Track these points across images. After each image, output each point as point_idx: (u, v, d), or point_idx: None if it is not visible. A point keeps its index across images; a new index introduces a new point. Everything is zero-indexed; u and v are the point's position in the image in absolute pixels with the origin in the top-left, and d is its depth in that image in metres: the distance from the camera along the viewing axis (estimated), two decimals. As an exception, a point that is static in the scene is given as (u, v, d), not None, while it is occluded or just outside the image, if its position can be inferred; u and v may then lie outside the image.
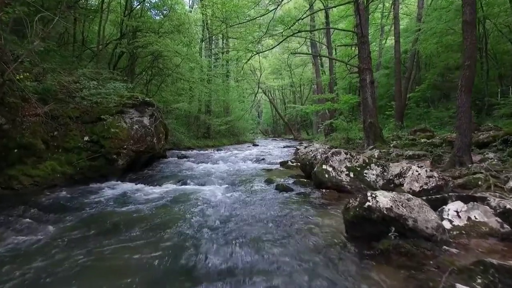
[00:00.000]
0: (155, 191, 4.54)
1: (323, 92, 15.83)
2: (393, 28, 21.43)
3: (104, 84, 5.55)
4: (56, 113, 5.38)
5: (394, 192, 2.31)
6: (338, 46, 16.20)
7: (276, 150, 12.55)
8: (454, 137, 6.30)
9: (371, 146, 8.24)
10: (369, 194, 2.31)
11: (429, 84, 12.74)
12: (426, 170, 3.53)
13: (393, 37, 21.88)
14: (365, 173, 4.24)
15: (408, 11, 18.65)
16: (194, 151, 12.20)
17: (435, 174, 3.48)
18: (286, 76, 34.15)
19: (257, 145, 17.14)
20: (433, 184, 3.41)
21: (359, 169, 4.30)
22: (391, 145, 8.03)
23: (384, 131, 10.12)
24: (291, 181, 5.10)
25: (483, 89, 10.70)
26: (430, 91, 12.91)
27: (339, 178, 4.25)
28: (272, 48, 10.31)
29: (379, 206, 2.14)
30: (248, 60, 10.31)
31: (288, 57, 14.15)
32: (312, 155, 5.31)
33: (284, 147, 14.62)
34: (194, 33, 10.26)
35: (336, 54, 18.64)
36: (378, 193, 2.28)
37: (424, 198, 2.80)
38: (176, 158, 9.56)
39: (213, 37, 19.44)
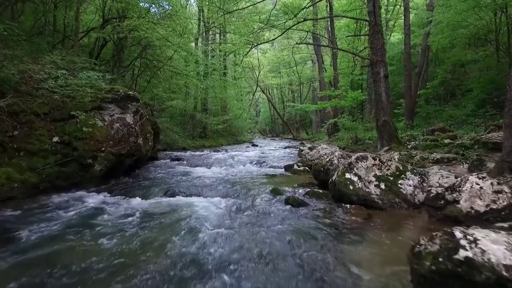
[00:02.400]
0: (134, 206, 3.61)
1: (326, 89, 14.92)
2: (396, 23, 20.68)
3: (76, 74, 4.61)
4: (16, 109, 4.43)
5: (503, 233, 1.40)
6: (347, 36, 15.20)
7: (277, 151, 11.65)
8: (490, 138, 5.44)
9: (386, 148, 7.37)
10: (459, 233, 1.40)
11: (441, 80, 11.90)
12: (491, 183, 2.64)
13: (397, 33, 21.15)
14: (400, 184, 3.35)
15: (414, 5, 17.81)
16: (189, 152, 11.26)
17: (506, 188, 2.59)
18: (285, 74, 33.31)
19: (256, 145, 16.22)
20: (505, 203, 2.52)
21: (391, 178, 3.40)
22: (409, 147, 7.17)
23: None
24: (302, 191, 4.20)
25: (503, 84, 9.85)
26: (443, 88, 12.07)
27: (367, 190, 3.35)
28: (274, 39, 9.43)
29: (489, 260, 1.23)
30: (248, 52, 9.40)
31: (293, 48, 13.27)
32: (327, 159, 4.41)
33: (285, 148, 13.73)
34: (188, 20, 9.29)
35: (339, 45, 17.66)
36: (477, 233, 1.37)
37: (507, 226, 1.90)
38: (169, 161, 8.66)
39: (210, 31, 18.49)
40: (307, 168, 6.45)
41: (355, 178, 3.43)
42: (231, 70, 22.74)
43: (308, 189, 4.26)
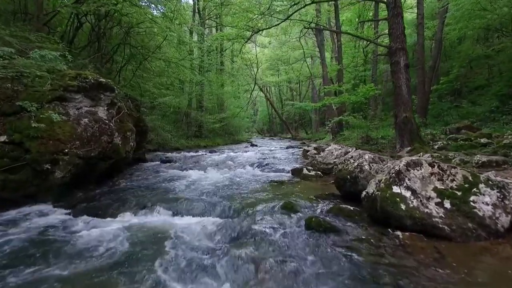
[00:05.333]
0: (93, 233, 2.57)
1: (329, 85, 13.92)
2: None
3: (27, 53, 3.55)
4: None
5: None
6: (359, 22, 14.10)
7: (279, 152, 10.62)
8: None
9: (408, 148, 6.38)
10: None
11: (456, 75, 10.96)
12: None
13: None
14: (472, 202, 2.34)
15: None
16: (182, 153, 10.19)
17: None
18: (283, 72, 32.29)
19: (256, 145, 15.18)
20: None
21: (459, 193, 2.39)
22: (436, 147, 6.19)
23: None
24: (323, 207, 3.18)
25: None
26: (459, 83, 11.13)
27: (426, 211, 2.34)
28: (277, 24, 8.40)
29: None
30: (249, 39, 8.37)
31: (296, 39, 12.24)
32: (355, 164, 3.39)
33: (287, 148, 12.71)
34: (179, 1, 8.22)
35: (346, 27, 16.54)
36: None
37: None
38: (158, 163, 7.62)
39: (205, 25, 17.41)
40: (319, 172, 5.45)
41: (407, 193, 2.42)
42: (228, 67, 21.68)
43: (331, 204, 3.26)
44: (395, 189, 2.46)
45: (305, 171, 5.50)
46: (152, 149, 11.24)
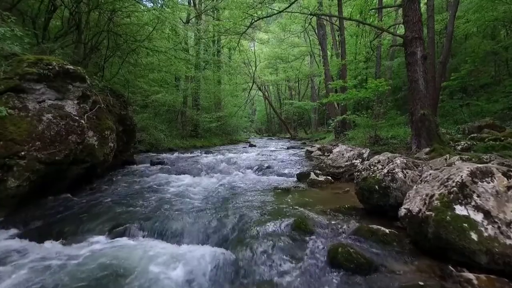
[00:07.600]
0: (42, 265, 1.83)
1: (331, 82, 13.20)
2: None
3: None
4: None
5: None
6: (370, 10, 13.32)
7: (280, 153, 9.90)
8: None
9: (427, 149, 5.68)
10: None
11: (468, 71, 10.29)
12: None
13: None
14: None
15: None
16: (176, 154, 9.47)
17: None
18: (282, 70, 31.58)
19: (254, 146, 14.45)
20: None
21: (551, 216, 1.67)
22: (459, 148, 5.50)
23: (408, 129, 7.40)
24: (344, 225, 2.47)
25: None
26: (472, 79, 10.48)
27: (508, 242, 1.62)
28: (280, 12, 7.66)
29: None
30: (248, 28, 7.62)
31: (306, 19, 11.41)
32: (385, 171, 2.67)
33: (288, 148, 11.99)
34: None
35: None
36: None
37: None
38: (148, 165, 6.89)
39: (202, 20, 16.64)
40: (329, 177, 4.74)
41: (478, 217, 1.70)
42: (226, 64, 20.93)
43: (355, 221, 2.54)
44: (459, 209, 1.74)
45: (312, 175, 4.78)
46: (144, 149, 10.50)
